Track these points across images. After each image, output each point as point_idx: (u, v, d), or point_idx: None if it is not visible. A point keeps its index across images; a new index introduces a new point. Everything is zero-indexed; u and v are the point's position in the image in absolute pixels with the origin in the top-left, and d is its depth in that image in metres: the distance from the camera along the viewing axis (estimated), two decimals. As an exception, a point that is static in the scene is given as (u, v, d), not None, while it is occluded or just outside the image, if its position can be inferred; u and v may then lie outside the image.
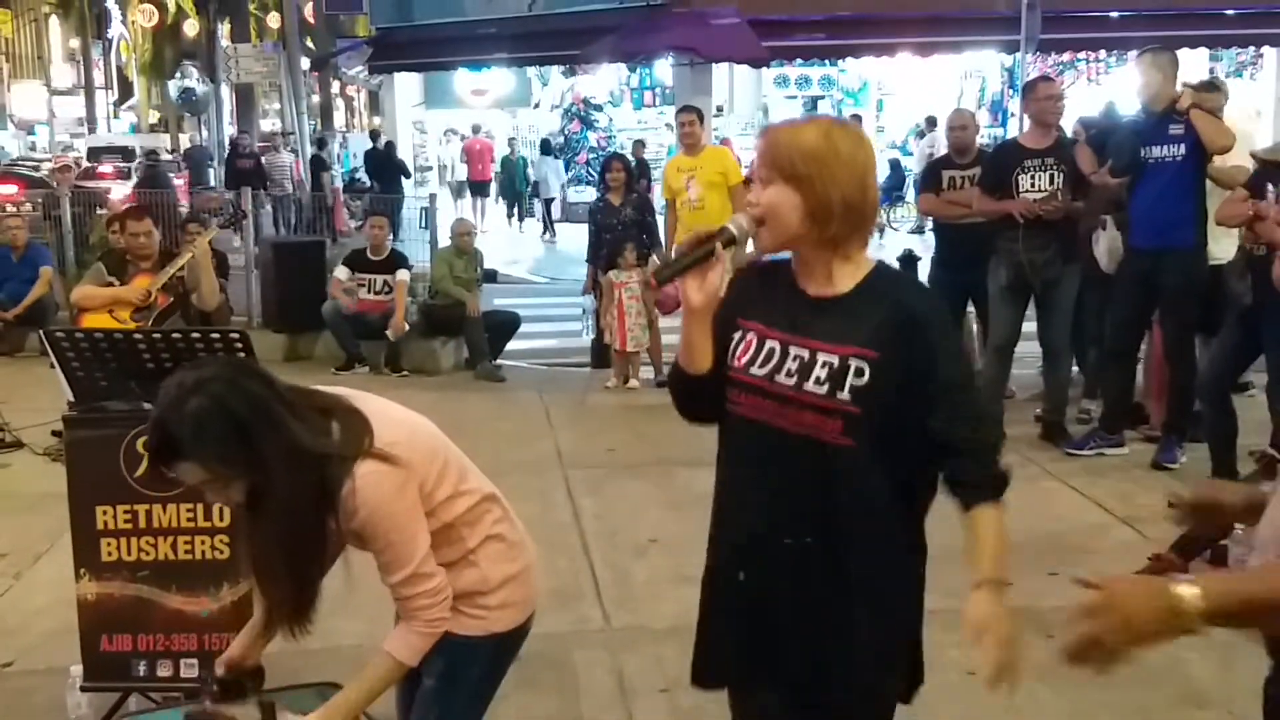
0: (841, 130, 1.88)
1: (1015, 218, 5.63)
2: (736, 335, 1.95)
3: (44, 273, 9.15)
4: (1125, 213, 5.63)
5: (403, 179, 17.51)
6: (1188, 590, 1.40)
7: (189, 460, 1.93)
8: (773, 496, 1.93)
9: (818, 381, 1.85)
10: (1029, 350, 6.40)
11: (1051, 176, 5.68)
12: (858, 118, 8.15)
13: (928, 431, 1.87)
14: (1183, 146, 5.19)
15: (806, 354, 1.87)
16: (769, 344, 1.91)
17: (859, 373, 1.84)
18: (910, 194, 15.49)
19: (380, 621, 3.93)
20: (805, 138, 1.86)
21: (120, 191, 17.12)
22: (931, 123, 16.31)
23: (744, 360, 1.93)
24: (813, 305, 1.89)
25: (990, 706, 3.41)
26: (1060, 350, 5.95)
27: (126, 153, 25.01)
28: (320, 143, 19.87)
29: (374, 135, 21.12)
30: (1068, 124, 7.07)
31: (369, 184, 17.99)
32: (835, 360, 1.85)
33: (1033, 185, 5.70)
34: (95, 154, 25.14)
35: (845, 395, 1.84)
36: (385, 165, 17.72)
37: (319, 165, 17.22)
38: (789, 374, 1.88)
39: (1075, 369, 6.43)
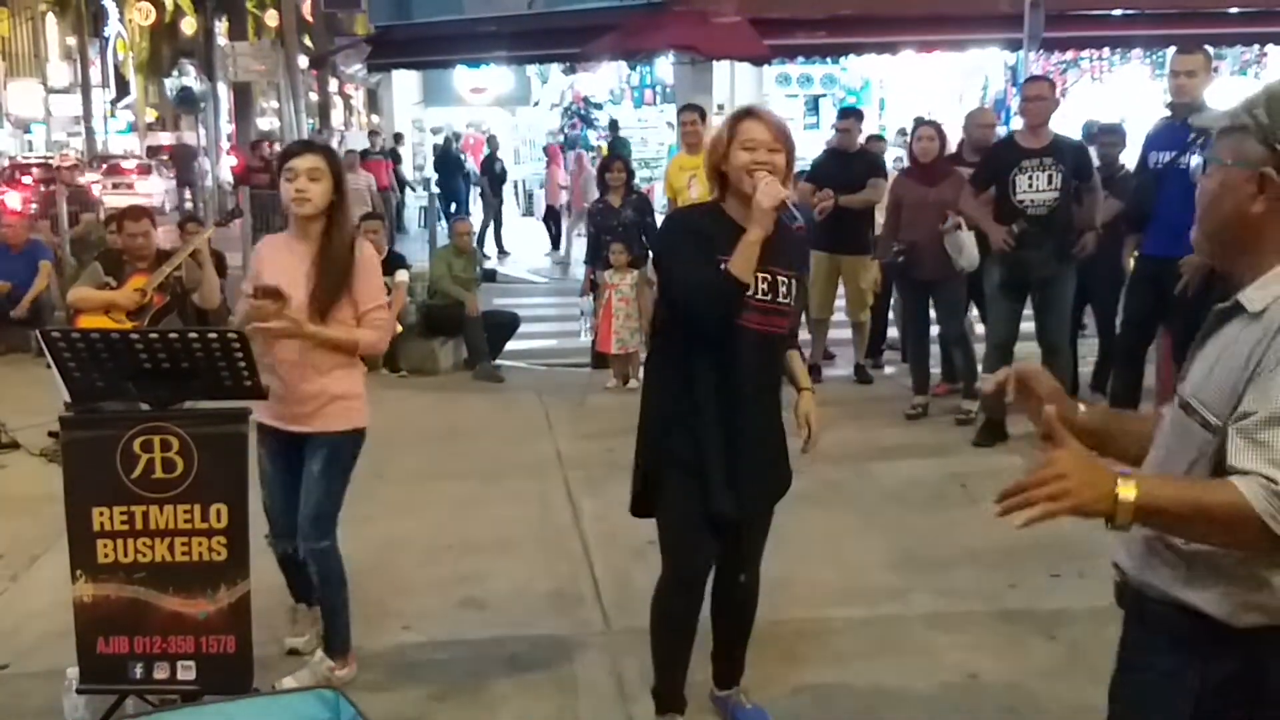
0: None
1: (1007, 220, 5.72)
2: (723, 269, 2.83)
3: (43, 266, 9.14)
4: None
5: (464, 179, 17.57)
6: (1125, 487, 1.55)
7: (317, 154, 3.42)
8: (750, 369, 2.92)
9: (780, 294, 2.90)
10: (1030, 350, 6.40)
11: (1050, 176, 5.67)
12: (860, 114, 8.08)
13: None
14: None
15: (770, 277, 2.88)
16: (759, 274, 2.86)
17: (791, 285, 2.93)
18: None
19: (379, 623, 3.93)
20: (784, 122, 2.98)
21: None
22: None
23: (769, 294, 2.89)
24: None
25: (990, 707, 3.39)
26: (1059, 348, 5.95)
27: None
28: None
29: (440, 136, 20.81)
30: (1075, 124, 7.09)
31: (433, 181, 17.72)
32: (787, 279, 2.91)
33: (1030, 185, 5.72)
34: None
35: (787, 301, 2.94)
36: (443, 162, 17.75)
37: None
38: (763, 293, 2.86)
39: None
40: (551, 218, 16.96)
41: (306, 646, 3.66)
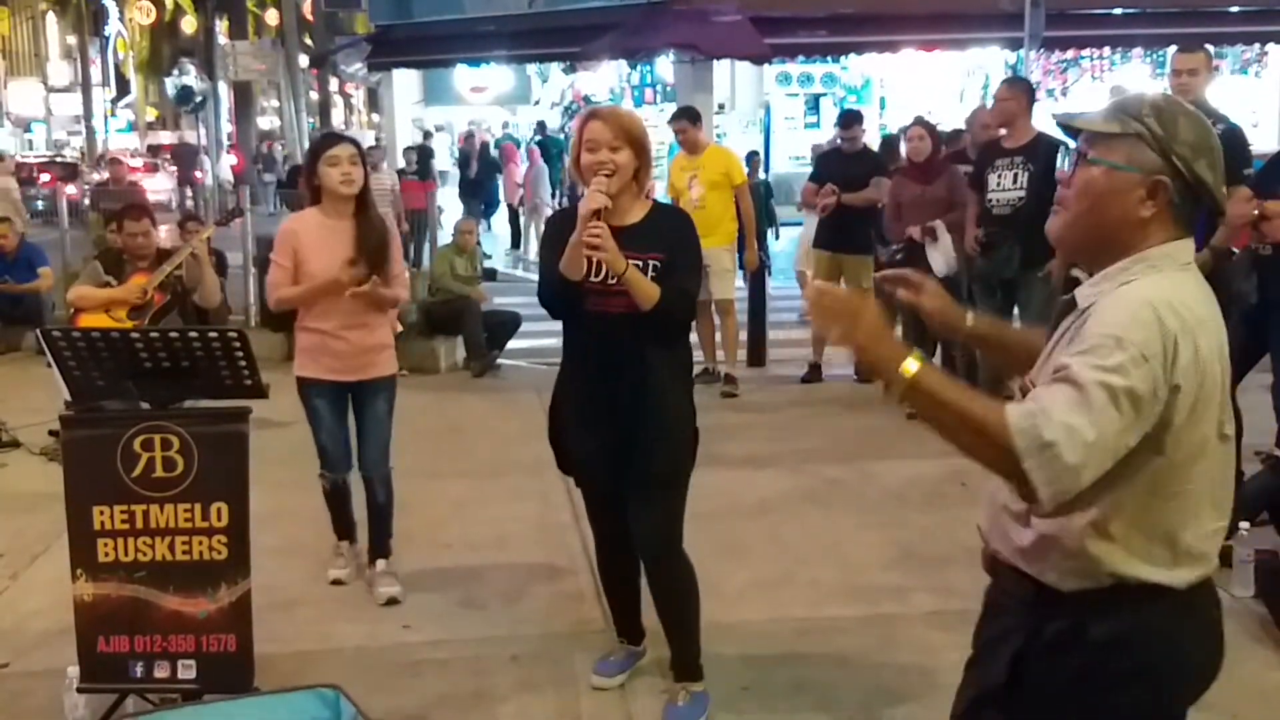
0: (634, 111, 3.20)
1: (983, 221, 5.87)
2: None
3: (44, 273, 9.11)
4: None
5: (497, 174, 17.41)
6: (909, 368, 1.68)
7: (352, 144, 4.05)
8: (606, 348, 3.09)
9: (610, 276, 2.99)
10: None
11: (1016, 175, 5.74)
12: (858, 114, 8.07)
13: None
14: None
15: (641, 260, 3.01)
16: (596, 260, 2.96)
17: (654, 269, 3.01)
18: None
19: (380, 625, 3.93)
20: (635, 117, 3.11)
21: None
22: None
23: (599, 275, 3.00)
24: (620, 231, 2.96)
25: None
26: None
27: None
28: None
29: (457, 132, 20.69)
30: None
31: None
32: (639, 262, 2.98)
33: (998, 184, 5.80)
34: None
35: (641, 278, 2.99)
36: (479, 162, 17.72)
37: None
38: (594, 275, 3.00)
39: None
40: (513, 216, 17.17)
41: (348, 578, 4.25)
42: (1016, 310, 5.94)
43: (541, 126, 19.08)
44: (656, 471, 3.13)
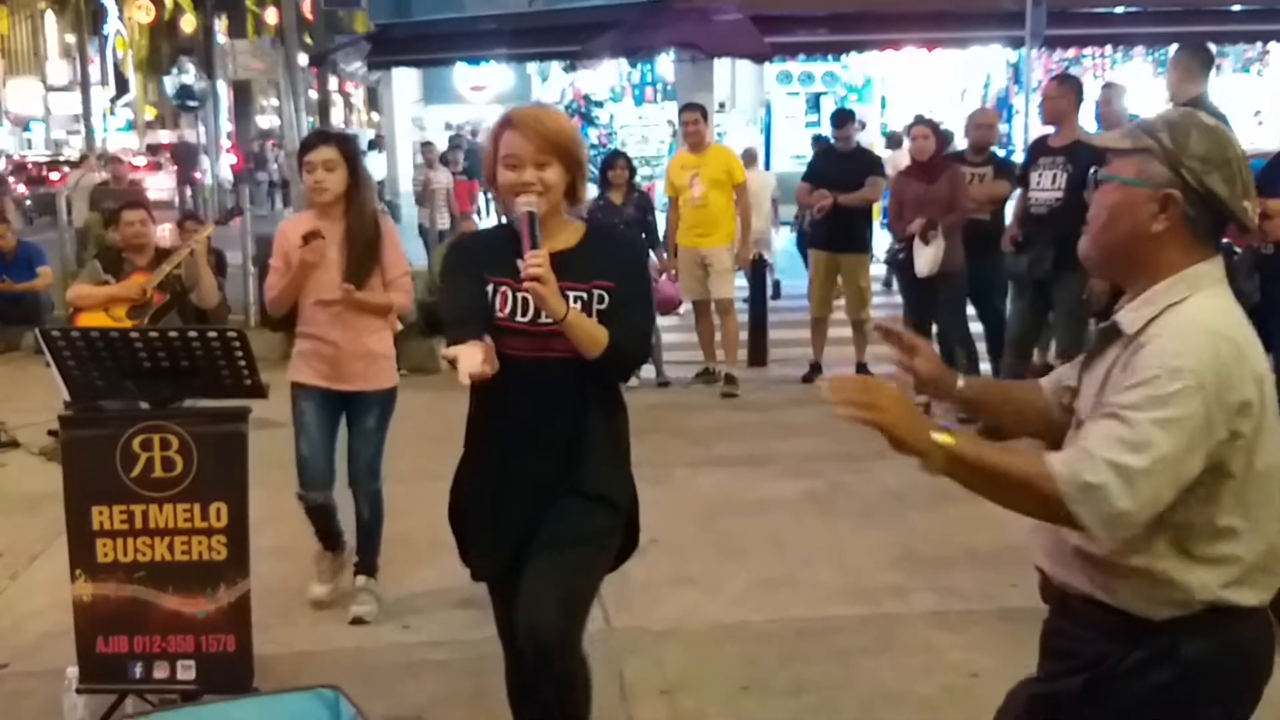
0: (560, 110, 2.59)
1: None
2: (490, 289, 2.42)
3: (43, 273, 9.10)
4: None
5: None
6: (943, 438, 1.66)
7: (331, 145, 3.78)
8: (529, 404, 2.44)
9: (542, 313, 2.36)
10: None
11: (1055, 176, 5.73)
12: (850, 113, 8.06)
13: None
14: None
15: (583, 293, 2.40)
16: (521, 295, 2.39)
17: (600, 300, 2.41)
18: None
19: (379, 626, 3.92)
20: (562, 121, 2.46)
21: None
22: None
23: (507, 310, 2.41)
24: (552, 260, 2.32)
25: (992, 707, 3.39)
26: (1067, 349, 5.99)
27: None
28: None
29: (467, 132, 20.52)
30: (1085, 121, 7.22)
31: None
32: (584, 294, 2.39)
33: (1038, 183, 5.81)
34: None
35: (593, 319, 2.39)
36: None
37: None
38: (522, 313, 2.40)
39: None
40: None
41: (329, 596, 4.00)
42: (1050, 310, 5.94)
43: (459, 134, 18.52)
44: (570, 529, 2.42)
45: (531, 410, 2.43)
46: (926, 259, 6.30)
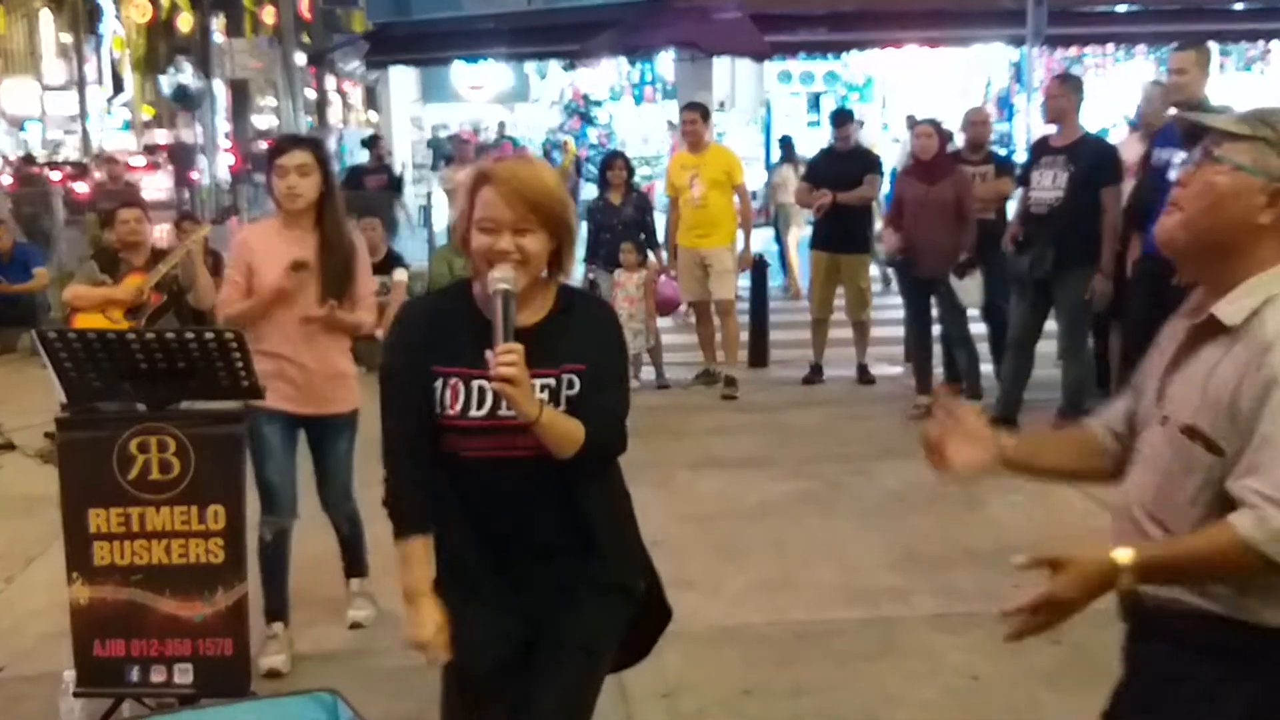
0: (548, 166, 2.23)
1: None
2: (438, 385, 2.05)
3: (39, 274, 9.08)
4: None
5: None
6: (1124, 557, 1.65)
7: (305, 149, 3.57)
8: (516, 503, 2.10)
9: (506, 405, 1.99)
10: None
11: (1056, 175, 5.70)
12: (849, 113, 8.05)
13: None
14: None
15: (553, 380, 2.05)
16: (476, 384, 2.03)
17: (570, 385, 2.06)
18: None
19: (374, 629, 3.90)
20: (549, 181, 2.06)
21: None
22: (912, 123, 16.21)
23: (458, 408, 2.05)
24: (521, 335, 1.97)
25: (993, 710, 3.38)
26: (1068, 353, 5.99)
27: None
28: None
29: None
30: (1095, 121, 7.24)
31: None
32: (552, 381, 2.04)
33: (1039, 183, 5.80)
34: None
35: (562, 408, 2.04)
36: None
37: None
38: (476, 406, 2.04)
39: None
40: None
41: (285, 665, 3.57)
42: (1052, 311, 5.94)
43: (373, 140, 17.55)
44: (580, 633, 2.16)
45: (503, 518, 2.10)
46: (972, 293, 6.26)
